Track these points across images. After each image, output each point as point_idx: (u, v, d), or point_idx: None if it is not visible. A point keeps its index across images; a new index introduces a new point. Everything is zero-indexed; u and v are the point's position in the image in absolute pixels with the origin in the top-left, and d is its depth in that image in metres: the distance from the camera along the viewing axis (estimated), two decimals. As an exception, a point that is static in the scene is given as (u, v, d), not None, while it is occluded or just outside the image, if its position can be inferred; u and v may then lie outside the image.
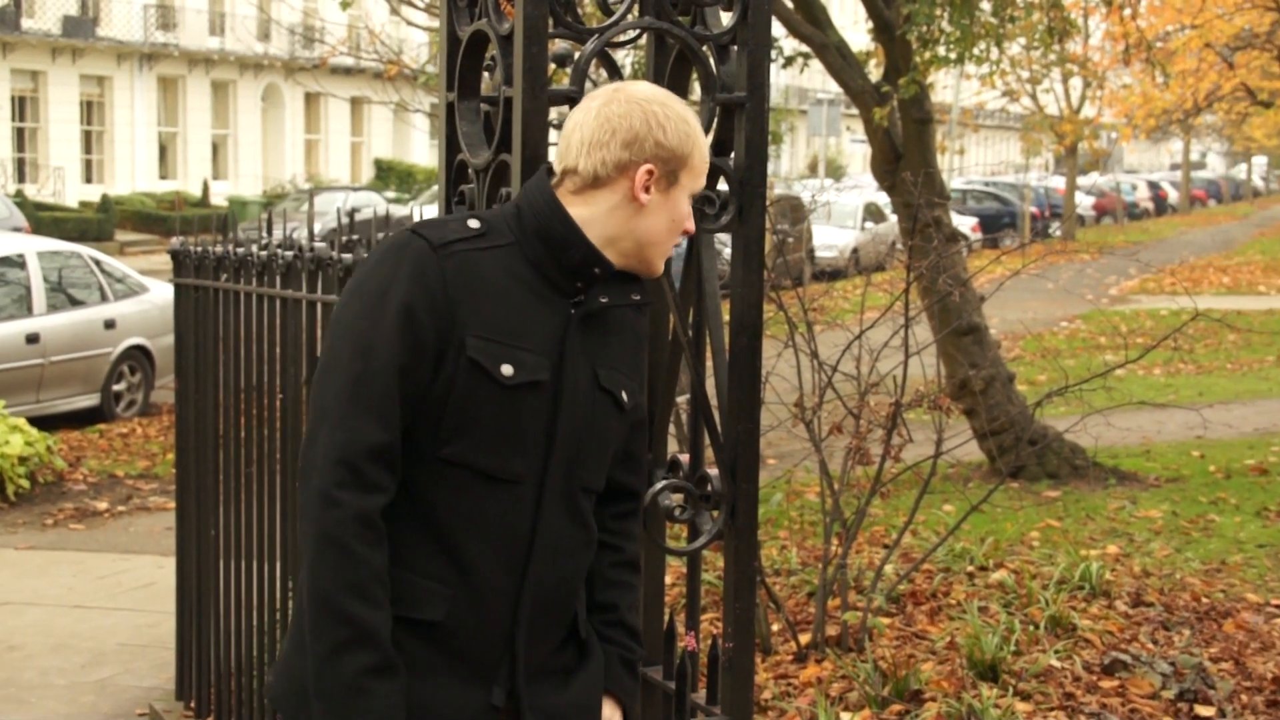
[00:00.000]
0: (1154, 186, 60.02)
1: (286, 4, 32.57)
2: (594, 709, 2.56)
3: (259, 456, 4.98)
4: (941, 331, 8.33)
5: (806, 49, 9.98)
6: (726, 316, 3.01)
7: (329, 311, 4.40)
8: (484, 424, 2.35)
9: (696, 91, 3.28)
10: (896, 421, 5.76)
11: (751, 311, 2.97)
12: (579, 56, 2.84)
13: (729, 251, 3.01)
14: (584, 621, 2.56)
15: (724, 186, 2.97)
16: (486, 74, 3.03)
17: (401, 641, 2.34)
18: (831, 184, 26.98)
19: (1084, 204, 46.48)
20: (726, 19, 2.97)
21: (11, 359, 11.84)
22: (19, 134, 36.82)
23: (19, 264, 12.35)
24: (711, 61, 2.96)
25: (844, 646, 5.63)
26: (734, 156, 2.96)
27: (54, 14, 36.99)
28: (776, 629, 5.85)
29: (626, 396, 2.52)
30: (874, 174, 10.01)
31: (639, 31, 2.97)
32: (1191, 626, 6.10)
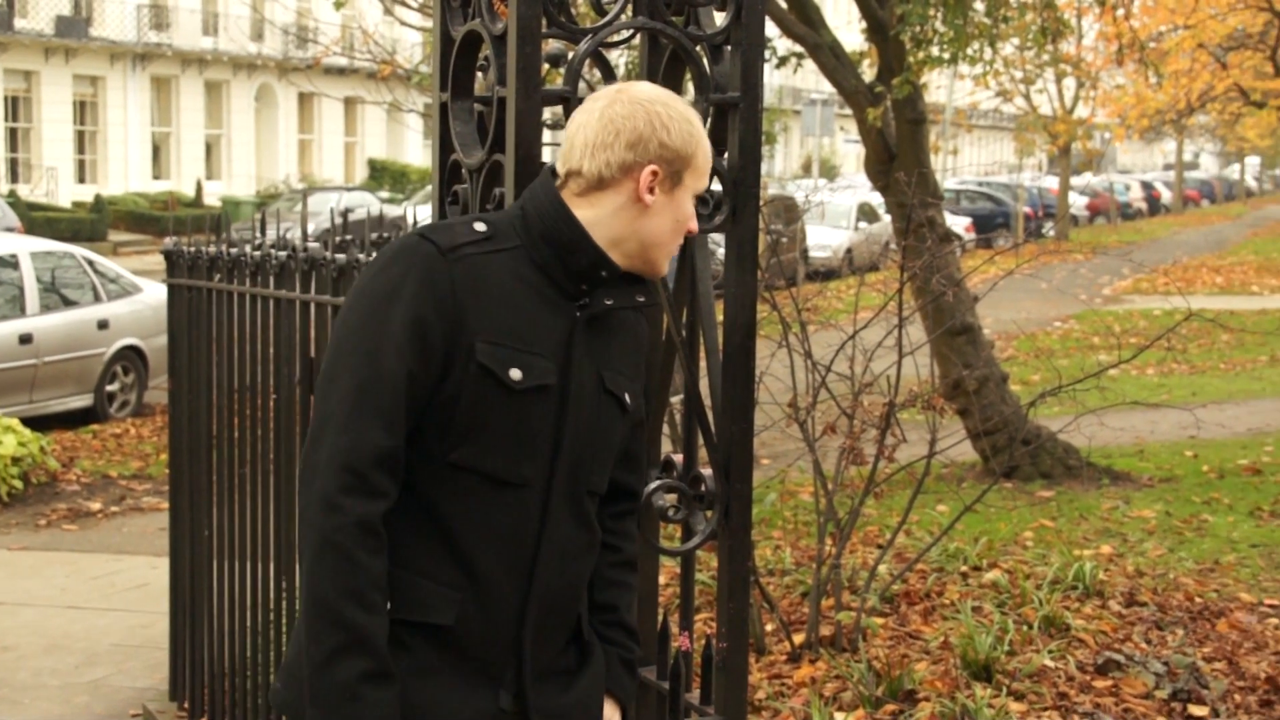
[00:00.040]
0: (1147, 187, 60.10)
1: (280, 4, 32.51)
2: (596, 709, 2.56)
3: (252, 457, 4.97)
4: (935, 331, 8.34)
5: (800, 49, 9.98)
6: (720, 316, 3.01)
7: (322, 312, 4.41)
8: (492, 428, 2.34)
9: (690, 92, 3.28)
10: (890, 421, 5.76)
11: (745, 311, 2.97)
12: (572, 56, 2.84)
13: (723, 252, 3.01)
14: (586, 623, 2.56)
15: (718, 186, 2.97)
16: (480, 74, 3.03)
17: (411, 645, 2.34)
18: (825, 184, 26.96)
19: (1077, 204, 46.53)
20: (720, 19, 2.97)
21: (4, 359, 11.81)
22: (12, 134, 36.78)
23: (12, 264, 12.32)
24: (705, 61, 2.96)
25: (838, 646, 5.63)
26: (728, 157, 2.96)
27: (47, 14, 36.94)
28: (770, 629, 5.85)
29: (629, 399, 2.52)
30: (868, 174, 10.02)
31: (633, 31, 2.97)
32: (1185, 626, 6.11)
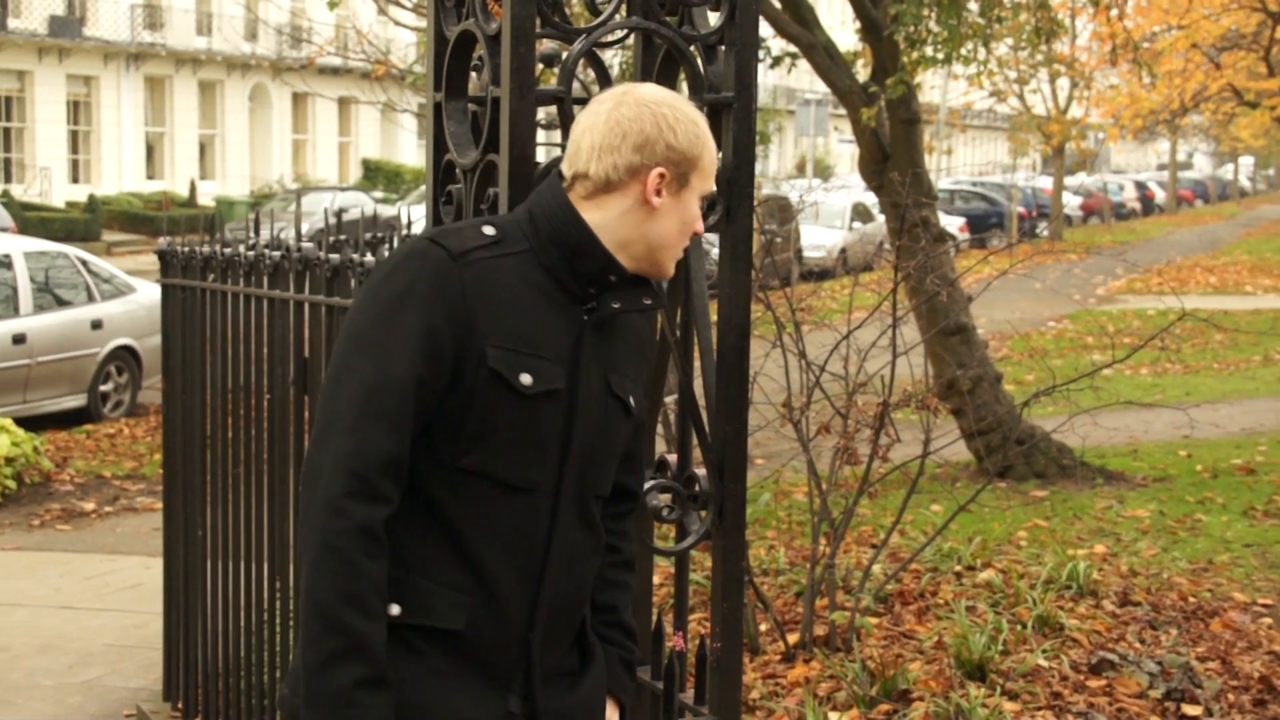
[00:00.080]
0: (1141, 187, 60.17)
1: (274, 4, 32.54)
2: (599, 709, 2.57)
3: (246, 457, 4.97)
4: (929, 331, 8.34)
5: (794, 49, 9.98)
6: (714, 317, 3.02)
7: (316, 312, 4.40)
8: (503, 433, 2.34)
9: (684, 92, 3.28)
10: (884, 421, 5.77)
11: (739, 312, 2.97)
12: (566, 56, 2.84)
13: (716, 251, 3.01)
14: (589, 624, 2.57)
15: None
16: (474, 74, 3.03)
17: (421, 649, 2.33)
18: (819, 184, 26.95)
19: (1071, 204, 46.59)
20: (714, 19, 2.97)
21: (-2, 359, 11.82)
22: (5, 134, 36.72)
23: (5, 264, 12.30)
24: (699, 62, 2.96)
25: (832, 646, 5.63)
26: (722, 157, 2.96)
27: (40, 14, 36.88)
28: (764, 629, 5.86)
29: (633, 401, 2.52)
30: (862, 174, 10.02)
31: (627, 31, 2.97)
32: (1178, 626, 6.11)
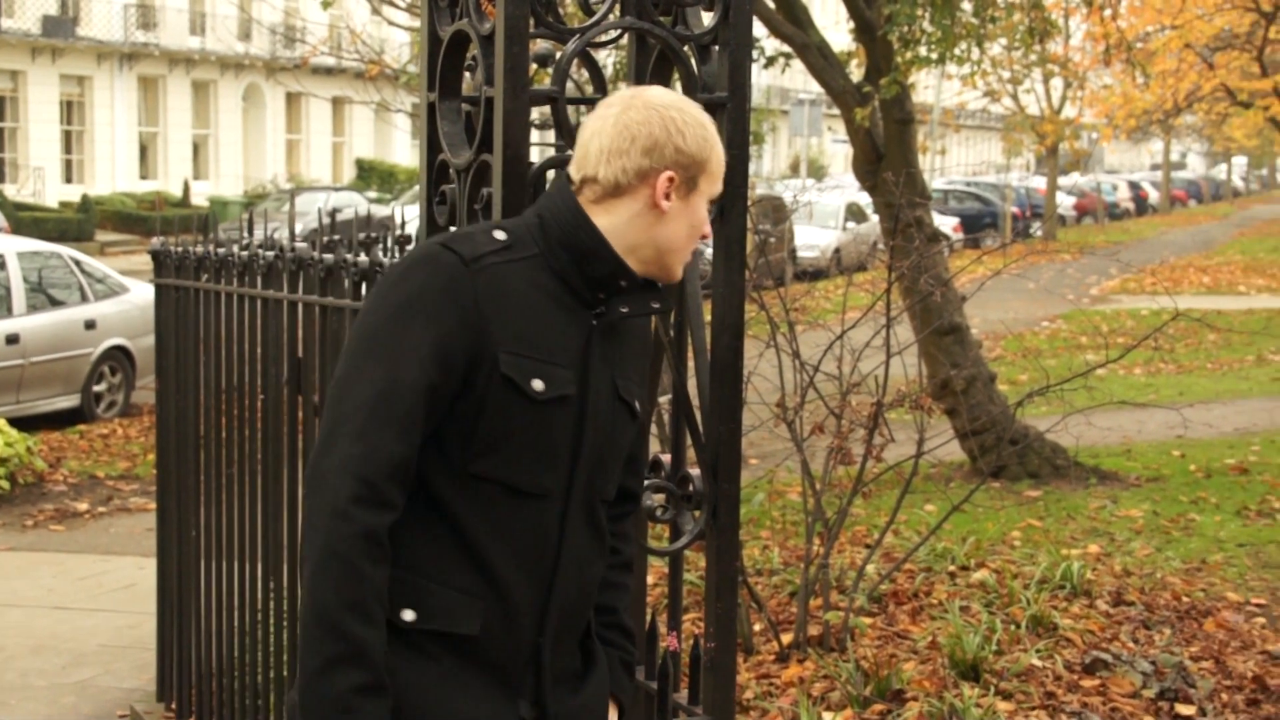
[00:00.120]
0: (1134, 187, 60.20)
1: (267, 4, 32.50)
2: (602, 711, 2.57)
3: (240, 457, 4.96)
4: (923, 331, 8.35)
5: (788, 49, 9.99)
6: (708, 316, 3.01)
7: (310, 312, 4.40)
8: (514, 439, 2.33)
9: (677, 92, 3.28)
10: (878, 421, 5.77)
11: (733, 311, 2.97)
12: (560, 56, 2.84)
13: (710, 251, 3.01)
14: (594, 627, 2.57)
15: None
16: (468, 74, 3.03)
17: (436, 655, 2.33)
18: (813, 184, 26.96)
19: (1065, 204, 46.60)
20: (708, 19, 2.97)
21: (-9, 360, 11.80)
22: (-1, 134, 36.74)
23: (-2, 264, 12.30)
24: (693, 62, 2.96)
25: (826, 646, 5.63)
26: (716, 156, 2.96)
27: (33, 13, 36.84)
28: (759, 629, 5.86)
29: (638, 404, 2.52)
30: (855, 174, 10.02)
31: (620, 31, 2.97)
32: (1172, 625, 6.12)
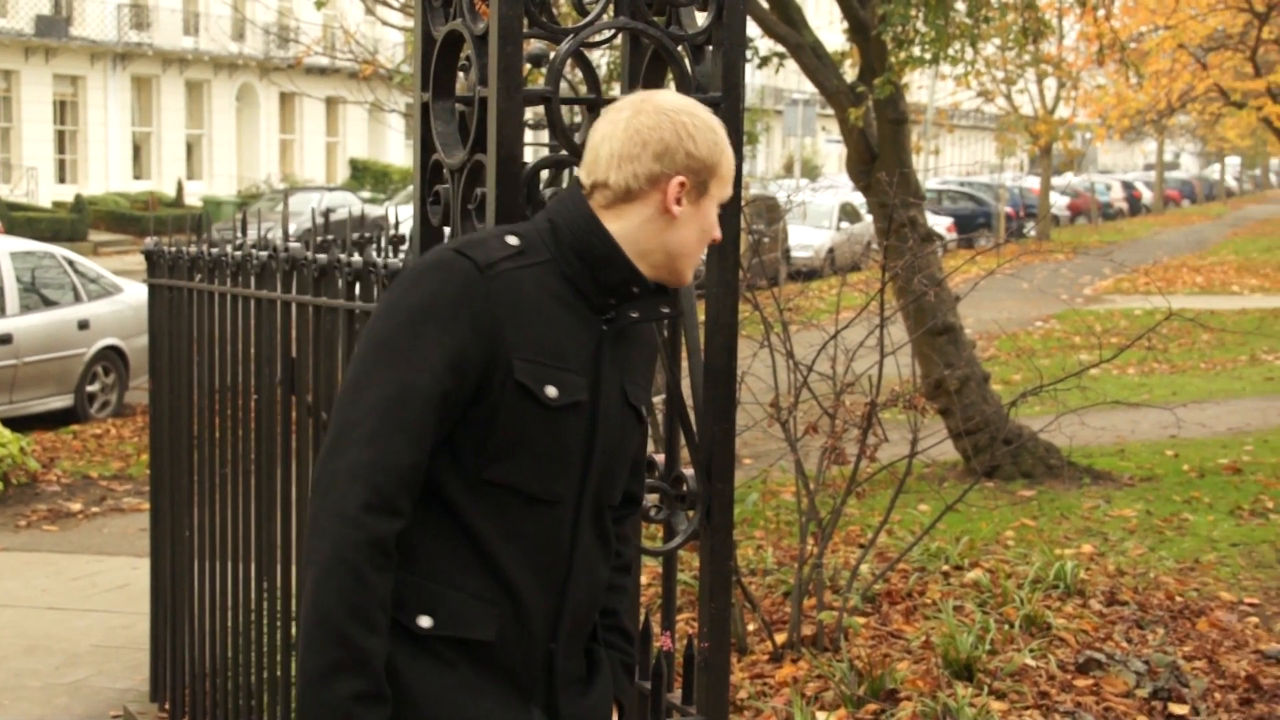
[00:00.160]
0: (1128, 187, 60.27)
1: (261, 3, 32.48)
2: (607, 714, 2.57)
3: (233, 457, 4.95)
4: (917, 331, 8.35)
5: (782, 49, 9.98)
6: (702, 316, 3.02)
7: (303, 312, 4.40)
8: (528, 446, 2.32)
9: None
10: (872, 421, 5.77)
11: (727, 311, 2.98)
12: (554, 56, 2.84)
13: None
14: (598, 630, 2.57)
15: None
16: (461, 74, 3.03)
17: (453, 661, 2.32)
18: (807, 184, 27.03)
19: (1058, 204, 46.68)
20: (701, 19, 2.97)
21: (-16, 360, 11.79)
22: (-8, 134, 36.69)
23: (-9, 264, 12.29)
24: (686, 62, 2.96)
25: (820, 646, 5.63)
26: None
27: (27, 13, 36.78)
28: (752, 629, 5.86)
29: (645, 409, 2.52)
30: (849, 174, 10.03)
31: (614, 31, 2.97)
32: (1165, 625, 6.12)
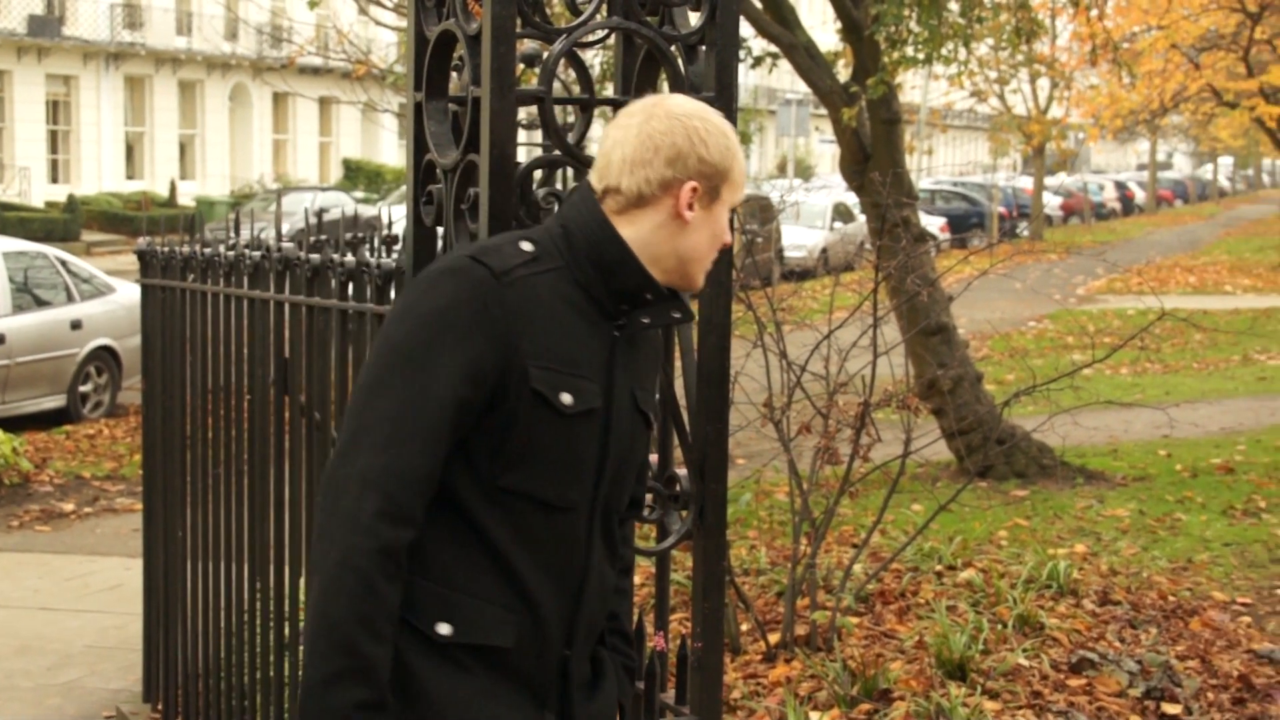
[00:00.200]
0: (1121, 187, 60.32)
1: (254, 3, 32.42)
2: (613, 716, 2.58)
3: (226, 458, 4.95)
4: (910, 331, 8.35)
5: (775, 49, 9.99)
6: (695, 316, 3.01)
7: (296, 312, 4.40)
8: (543, 453, 2.32)
9: (664, 91, 3.28)
10: (865, 421, 5.77)
11: (720, 311, 2.98)
12: (547, 56, 2.84)
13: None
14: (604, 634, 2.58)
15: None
16: (455, 74, 3.03)
17: (471, 668, 2.32)
18: (800, 184, 27.05)
19: (1051, 204, 46.69)
20: (695, 19, 2.97)
21: (-23, 360, 11.76)
22: (-15, 134, 36.62)
23: (-16, 264, 12.26)
24: (680, 62, 2.96)
25: (813, 646, 5.63)
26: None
27: (19, 13, 36.74)
28: (745, 629, 5.86)
29: (653, 415, 2.52)
30: (842, 174, 10.03)
31: (607, 32, 2.97)
32: (1158, 625, 6.13)
